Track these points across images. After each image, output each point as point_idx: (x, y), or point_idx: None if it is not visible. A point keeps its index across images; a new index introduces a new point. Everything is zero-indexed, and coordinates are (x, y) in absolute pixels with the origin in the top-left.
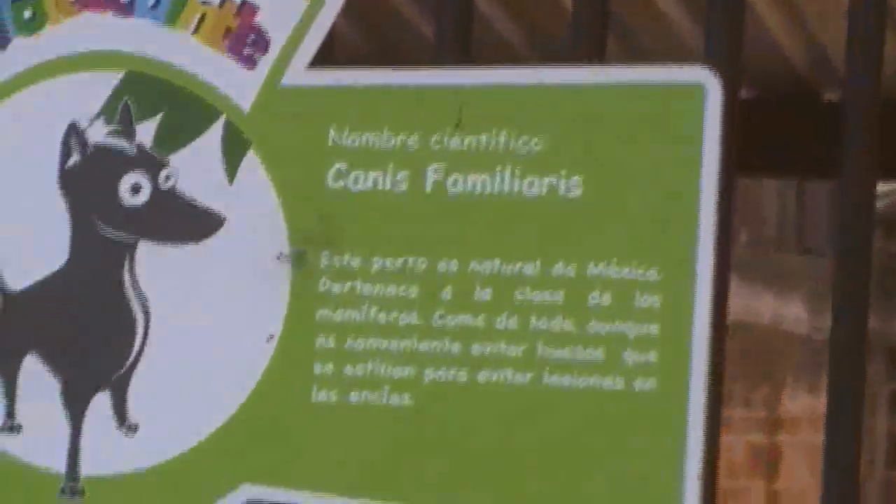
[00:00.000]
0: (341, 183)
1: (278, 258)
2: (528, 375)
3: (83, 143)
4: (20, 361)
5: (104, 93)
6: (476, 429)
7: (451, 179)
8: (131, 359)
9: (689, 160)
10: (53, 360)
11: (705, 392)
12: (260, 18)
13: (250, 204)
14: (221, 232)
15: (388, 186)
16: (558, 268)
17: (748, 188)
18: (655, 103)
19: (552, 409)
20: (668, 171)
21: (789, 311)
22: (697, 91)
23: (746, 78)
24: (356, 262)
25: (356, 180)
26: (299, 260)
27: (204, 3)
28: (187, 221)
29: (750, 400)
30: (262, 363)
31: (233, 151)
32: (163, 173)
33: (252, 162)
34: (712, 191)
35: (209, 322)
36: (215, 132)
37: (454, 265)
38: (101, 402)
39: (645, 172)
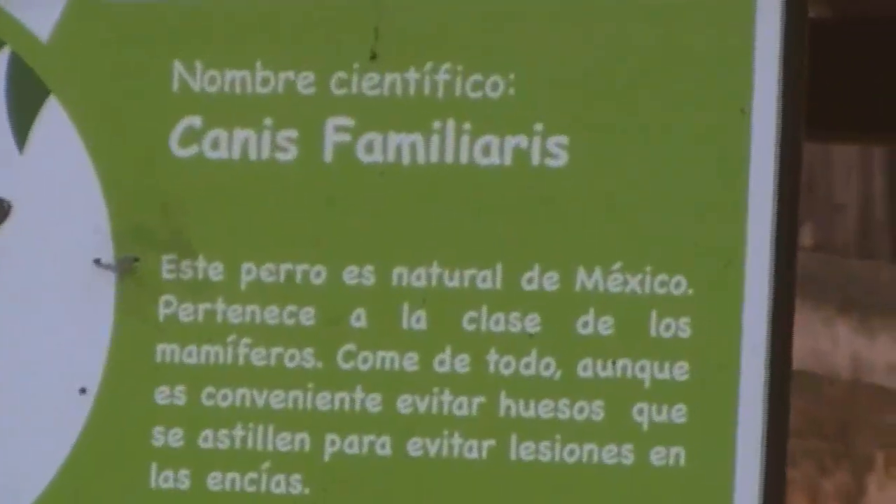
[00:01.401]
0: (193, 148)
1: (96, 265)
2: (486, 445)
3: None
4: None
5: None
6: None
7: (363, 142)
8: None
9: (732, 111)
10: None
11: (761, 471)
12: None
13: (52, 182)
14: (6, 226)
15: (265, 153)
16: (530, 277)
17: (813, 160)
18: (682, 23)
19: (523, 498)
20: (698, 127)
21: (879, 355)
22: (744, 4)
23: None
24: (217, 272)
25: (215, 144)
26: (128, 269)
27: None
28: None
29: (819, 493)
30: (73, 428)
31: (23, 102)
32: None
33: (54, 117)
34: (768, 159)
35: None
36: None
37: (369, 275)
38: None
39: (664, 130)
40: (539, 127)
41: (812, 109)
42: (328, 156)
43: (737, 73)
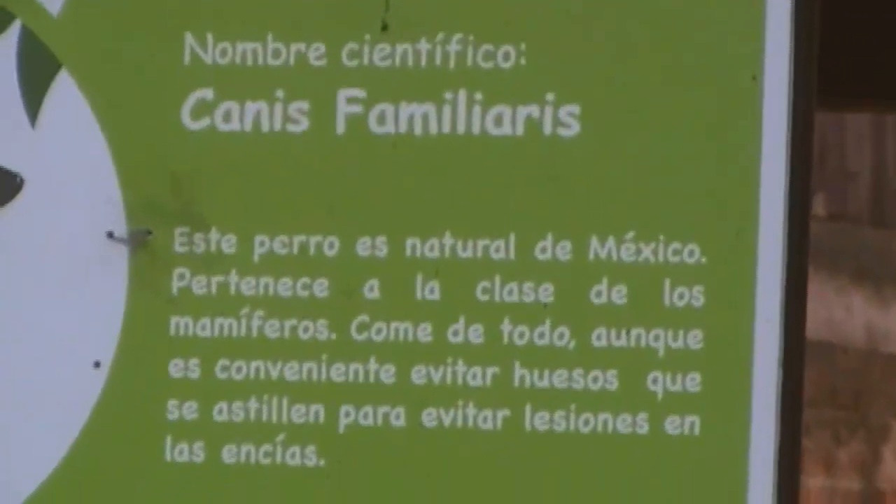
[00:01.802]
0: (205, 121)
1: (109, 238)
2: (501, 416)
3: None
4: None
5: None
6: (421, 502)
7: (375, 113)
8: None
9: (744, 78)
10: None
11: (776, 439)
12: None
13: (64, 155)
14: (19, 201)
15: (277, 125)
16: (543, 246)
17: (826, 129)
18: None
19: (538, 468)
20: (710, 94)
21: (893, 324)
22: None
23: None
24: (230, 245)
25: (227, 116)
26: (141, 241)
27: None
28: None
29: (834, 463)
30: (87, 402)
31: (34, 76)
32: None
33: (65, 91)
34: (780, 127)
35: (7, 337)
36: (6, 47)
37: (382, 245)
38: None
39: (675, 96)
40: (551, 96)
41: (824, 77)
42: (340, 127)
43: (748, 40)
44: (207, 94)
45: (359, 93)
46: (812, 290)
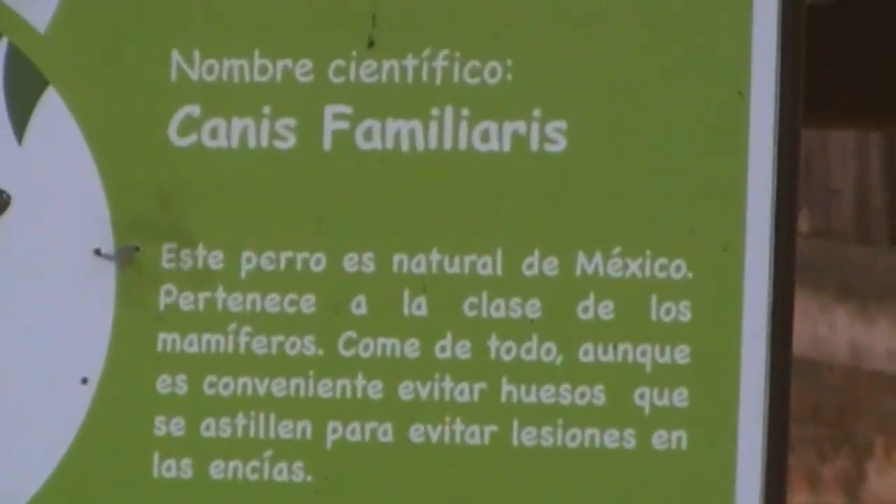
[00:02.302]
0: (192, 137)
1: (96, 255)
2: (488, 431)
3: None
4: None
5: None
6: None
7: (361, 129)
8: None
9: (730, 94)
10: None
11: (763, 454)
12: None
13: (51, 173)
14: (6, 218)
15: (263, 142)
16: (530, 262)
17: (811, 146)
18: (679, 6)
19: (526, 483)
20: (696, 109)
21: (877, 341)
22: None
23: None
24: (217, 261)
25: (214, 133)
26: (129, 258)
27: None
28: None
29: (819, 479)
30: (74, 418)
31: (21, 93)
32: None
33: (52, 108)
34: (767, 142)
35: None
36: None
37: (369, 261)
38: None
39: (662, 112)
40: (537, 112)
41: (808, 94)
42: (327, 143)
43: (735, 55)
44: (194, 110)
45: (345, 109)
46: (796, 306)
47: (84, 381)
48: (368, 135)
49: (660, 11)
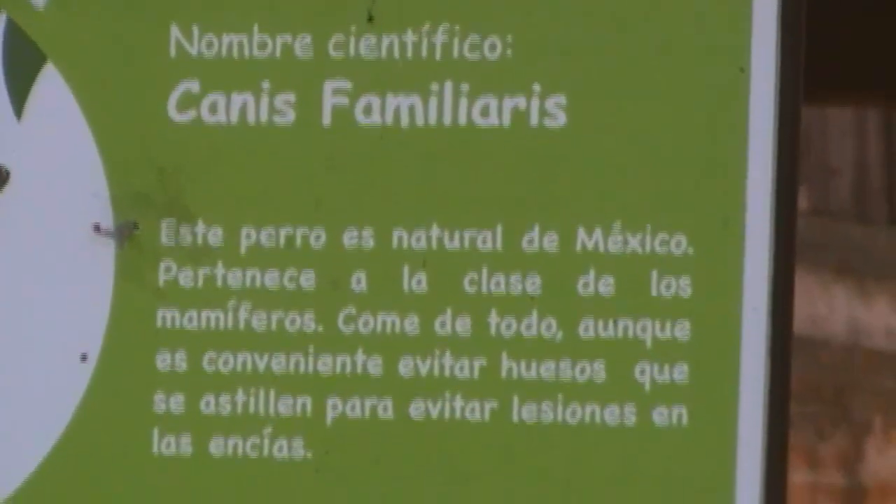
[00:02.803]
0: (191, 113)
1: (95, 231)
2: (488, 407)
3: None
4: None
5: None
6: (409, 495)
7: (361, 104)
8: None
9: (731, 70)
10: None
11: (764, 429)
12: None
13: (50, 149)
14: (4, 194)
15: (263, 117)
16: (530, 237)
17: (809, 124)
18: None
19: (526, 459)
20: (697, 85)
21: (876, 319)
22: None
23: None
24: (216, 237)
25: (213, 108)
26: (128, 234)
27: None
28: None
29: (817, 457)
30: (74, 394)
31: (20, 69)
32: None
33: (51, 84)
34: (768, 118)
35: None
36: None
37: (369, 237)
38: None
39: (663, 87)
40: (537, 87)
41: (808, 71)
42: (326, 119)
43: (735, 32)
44: (193, 86)
45: (345, 84)
46: (795, 285)
47: (83, 357)
48: (368, 110)
49: None
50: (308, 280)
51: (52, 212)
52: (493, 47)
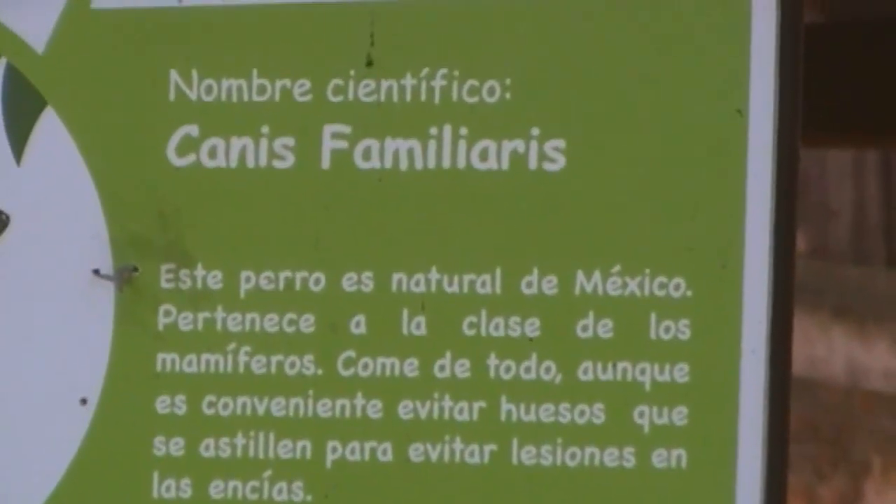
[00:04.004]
0: (190, 157)
1: (95, 275)
2: (488, 450)
3: None
4: None
5: None
6: None
7: (360, 148)
8: None
9: (729, 112)
10: None
11: (763, 472)
12: None
13: (50, 193)
14: (4, 238)
15: (262, 161)
16: (529, 281)
17: (807, 166)
18: (678, 25)
19: (526, 502)
20: (695, 127)
21: (875, 361)
22: (740, 7)
23: None
24: (216, 281)
25: (213, 153)
26: (128, 278)
27: None
28: None
29: (816, 498)
30: (74, 439)
31: (20, 114)
32: None
33: (51, 129)
34: (766, 160)
35: None
36: None
37: (369, 280)
38: None
39: (660, 130)
40: (536, 131)
41: (805, 114)
42: (325, 163)
43: (733, 74)
44: (193, 130)
45: (344, 128)
46: (794, 326)
47: (83, 401)
48: (367, 154)
49: (658, 30)
50: (307, 323)
51: (52, 256)
52: (491, 91)
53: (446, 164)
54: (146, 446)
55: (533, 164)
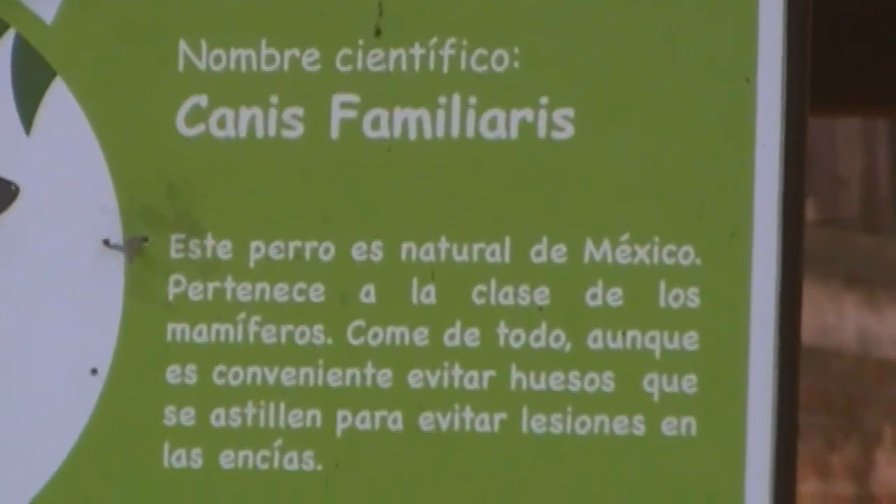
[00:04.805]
0: (200, 127)
1: (105, 246)
2: (498, 419)
3: None
4: None
5: None
6: None
7: (369, 118)
8: None
9: (737, 81)
10: None
11: (772, 439)
12: None
13: (59, 164)
14: (14, 209)
15: (271, 132)
16: (538, 249)
17: (817, 135)
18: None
19: (535, 470)
20: (704, 96)
21: (886, 329)
22: None
23: None
24: (226, 251)
25: (222, 123)
26: (137, 249)
27: None
28: None
29: (828, 467)
30: (84, 408)
31: (29, 84)
32: None
33: (60, 99)
34: (774, 128)
35: (4, 346)
36: (0, 55)
37: (378, 250)
38: None
39: (669, 99)
40: (544, 100)
41: (814, 83)
42: (334, 132)
43: (742, 43)
44: (202, 100)
45: (353, 98)
46: (804, 295)
47: (94, 371)
48: (376, 123)
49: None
50: (317, 293)
51: (62, 226)
52: (500, 60)
53: (455, 133)
54: (157, 416)
55: (542, 132)
